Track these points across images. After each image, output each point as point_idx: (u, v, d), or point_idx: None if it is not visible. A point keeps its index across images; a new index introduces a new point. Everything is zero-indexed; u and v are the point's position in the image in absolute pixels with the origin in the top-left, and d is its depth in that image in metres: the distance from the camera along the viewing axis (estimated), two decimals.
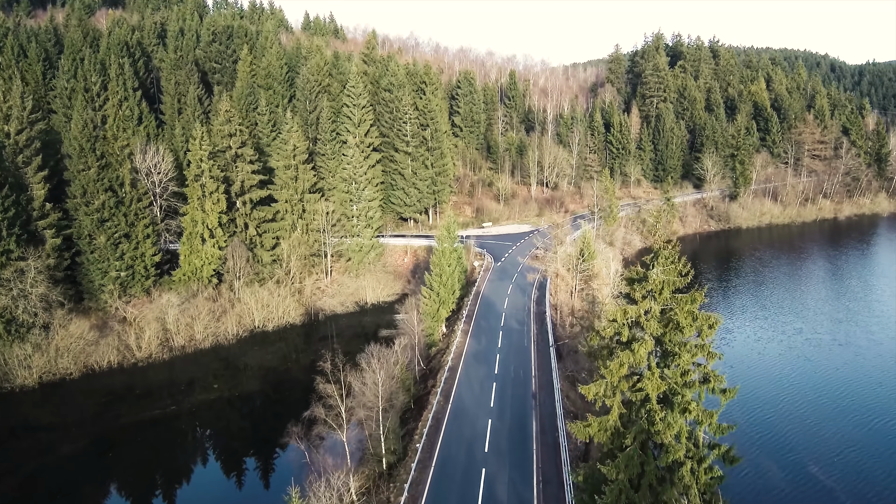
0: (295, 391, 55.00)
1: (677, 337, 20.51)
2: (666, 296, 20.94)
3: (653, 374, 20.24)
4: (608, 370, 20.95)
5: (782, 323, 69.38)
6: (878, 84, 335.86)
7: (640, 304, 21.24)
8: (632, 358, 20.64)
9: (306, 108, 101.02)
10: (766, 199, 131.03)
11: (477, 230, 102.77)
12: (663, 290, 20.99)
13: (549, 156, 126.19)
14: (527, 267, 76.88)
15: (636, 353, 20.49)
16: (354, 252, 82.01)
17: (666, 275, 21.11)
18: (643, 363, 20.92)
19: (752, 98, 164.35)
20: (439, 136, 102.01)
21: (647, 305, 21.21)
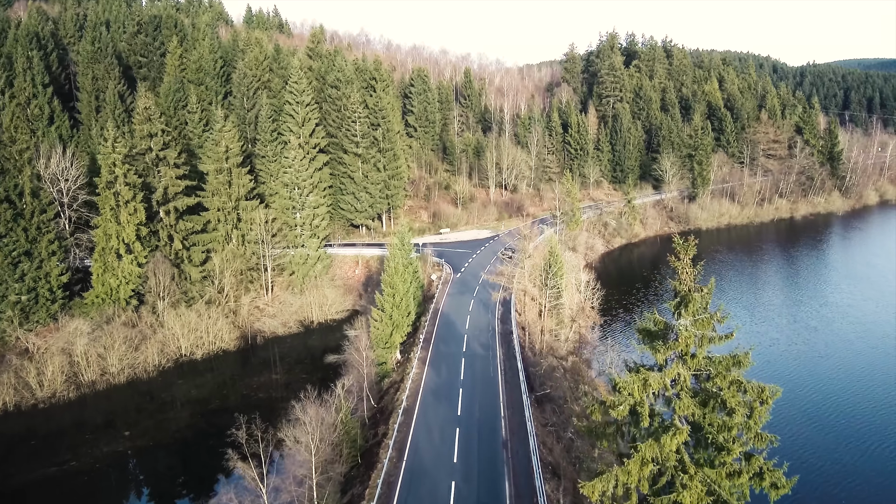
0: (221, 438, 46.96)
1: (723, 421, 14.30)
2: (701, 360, 14.69)
3: (692, 478, 13.94)
4: (624, 470, 14.58)
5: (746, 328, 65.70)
6: (819, 85, 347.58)
7: (666, 371, 14.92)
8: (658, 452, 14.30)
9: (243, 106, 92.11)
10: (725, 199, 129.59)
11: (434, 237, 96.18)
12: (697, 353, 14.71)
13: (508, 157, 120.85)
14: (489, 278, 70.79)
15: (665, 446, 14.17)
16: (298, 265, 74.02)
17: (699, 327, 14.87)
18: (673, 459, 14.63)
19: (706, 98, 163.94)
20: (392, 136, 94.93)
21: (675, 372, 14.93)
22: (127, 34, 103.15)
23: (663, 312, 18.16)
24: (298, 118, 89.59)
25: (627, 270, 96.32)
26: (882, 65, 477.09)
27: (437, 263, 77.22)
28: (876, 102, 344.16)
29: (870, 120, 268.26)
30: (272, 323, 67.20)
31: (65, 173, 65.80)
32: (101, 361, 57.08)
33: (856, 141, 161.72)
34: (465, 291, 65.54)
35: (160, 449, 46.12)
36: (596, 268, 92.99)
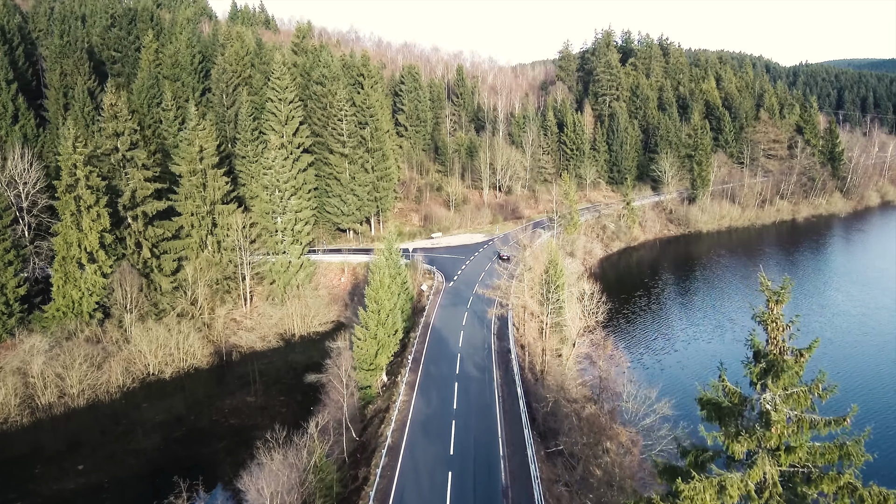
0: (185, 473, 42.01)
1: None
2: (802, 454, 10.06)
3: None
4: None
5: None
6: (812, 84, 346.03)
7: (750, 473, 10.29)
8: None
9: (223, 104, 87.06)
10: (725, 201, 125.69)
11: (425, 241, 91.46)
12: (795, 444, 10.09)
13: (502, 157, 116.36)
14: (484, 293, 66.17)
15: None
16: (279, 273, 69.09)
17: (793, 404, 10.23)
18: None
19: (703, 97, 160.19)
20: (380, 135, 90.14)
21: (761, 472, 10.23)
22: (99, 27, 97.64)
23: (675, 335, 13.50)
24: (281, 116, 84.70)
25: (627, 276, 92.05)
26: (872, 65, 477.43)
27: (428, 271, 72.52)
28: (870, 102, 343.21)
29: (864, 119, 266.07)
30: (250, 337, 62.26)
31: (23, 176, 60.55)
32: (59, 382, 51.96)
33: (856, 141, 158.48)
34: (458, 303, 60.87)
35: (116, 487, 41.07)
36: (595, 273, 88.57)
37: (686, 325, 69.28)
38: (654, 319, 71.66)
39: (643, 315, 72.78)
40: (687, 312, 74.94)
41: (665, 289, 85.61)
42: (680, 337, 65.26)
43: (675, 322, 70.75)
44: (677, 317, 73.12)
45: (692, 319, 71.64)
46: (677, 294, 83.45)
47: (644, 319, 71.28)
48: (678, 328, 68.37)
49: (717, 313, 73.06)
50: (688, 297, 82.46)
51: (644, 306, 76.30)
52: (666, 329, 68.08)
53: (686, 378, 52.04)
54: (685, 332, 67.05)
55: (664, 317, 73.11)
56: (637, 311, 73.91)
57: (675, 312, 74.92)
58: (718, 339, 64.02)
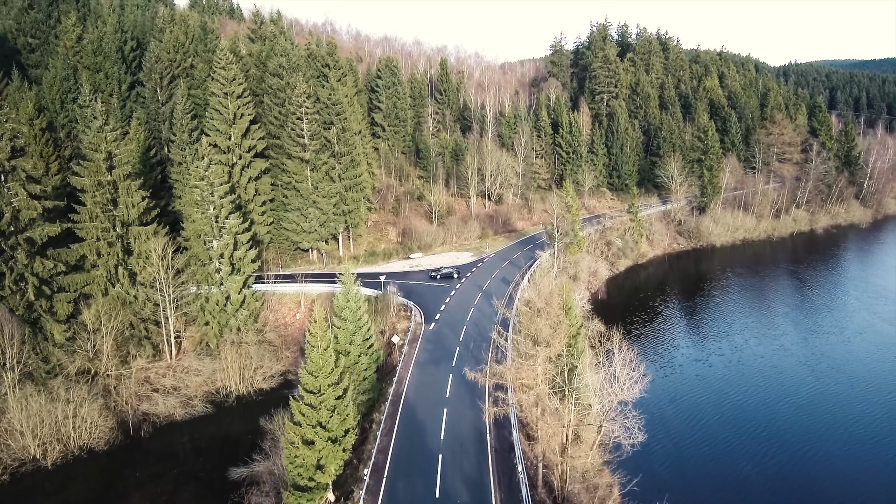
0: None
1: None
2: None
3: None
4: None
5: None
6: (803, 84, 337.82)
7: None
8: None
9: (156, 99, 72.34)
10: (738, 210, 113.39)
11: (402, 263, 77.50)
12: None
13: (491, 161, 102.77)
14: (476, 330, 52.50)
15: None
16: (213, 312, 54.69)
17: None
18: None
19: (707, 95, 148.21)
20: (349, 137, 76.00)
21: None
22: (16, 10, 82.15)
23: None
24: (227, 114, 70.48)
25: (638, 303, 78.96)
26: (854, 65, 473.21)
27: (404, 307, 58.50)
28: (863, 102, 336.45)
29: (857, 120, 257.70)
30: (168, 402, 47.74)
31: None
32: None
33: (876, 143, 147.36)
34: (440, 357, 46.90)
35: None
36: (602, 300, 75.39)
37: (731, 373, 56.27)
38: (687, 370, 58.48)
39: (673, 365, 59.53)
40: (726, 354, 61.98)
41: (685, 319, 72.62)
42: (729, 395, 52.17)
43: (715, 371, 57.70)
44: (718, 363, 60.10)
45: (735, 363, 58.64)
46: (701, 326, 70.42)
47: (677, 372, 58.05)
48: (720, 376, 55.33)
49: (758, 358, 60.15)
50: (716, 329, 69.52)
51: (670, 348, 63.08)
52: (710, 383, 54.96)
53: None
54: (732, 388, 54.02)
55: (700, 363, 60.03)
56: (667, 356, 60.66)
57: (711, 354, 61.90)
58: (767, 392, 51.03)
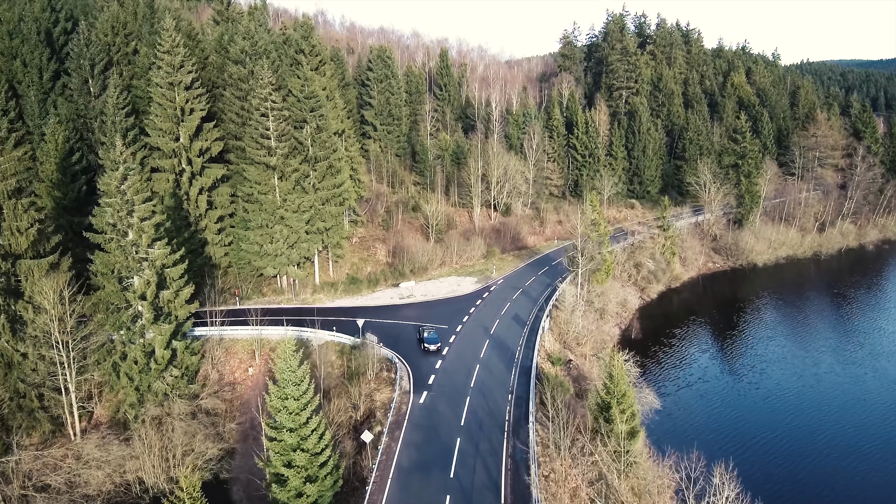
0: None
1: None
2: None
3: None
4: None
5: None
6: (818, 83, 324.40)
7: None
8: None
9: (87, 91, 58.44)
10: (779, 223, 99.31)
11: (390, 293, 63.53)
12: None
13: (498, 166, 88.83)
14: (484, 404, 38.64)
15: None
16: (132, 374, 40.78)
17: None
18: None
19: (736, 92, 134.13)
20: (326, 138, 62.06)
21: None
22: None
23: None
24: (173, 109, 56.69)
25: (676, 341, 65.03)
26: (862, 65, 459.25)
27: (388, 363, 44.44)
28: (881, 102, 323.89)
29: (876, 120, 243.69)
30: None
31: None
32: None
33: None
34: (433, 462, 32.39)
35: None
36: (636, 340, 61.44)
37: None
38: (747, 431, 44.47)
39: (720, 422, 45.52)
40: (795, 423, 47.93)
41: (735, 363, 58.65)
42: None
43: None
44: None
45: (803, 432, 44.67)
46: (756, 371, 56.29)
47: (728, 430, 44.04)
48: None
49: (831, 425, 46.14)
50: (779, 375, 55.40)
51: (715, 392, 49.09)
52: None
53: None
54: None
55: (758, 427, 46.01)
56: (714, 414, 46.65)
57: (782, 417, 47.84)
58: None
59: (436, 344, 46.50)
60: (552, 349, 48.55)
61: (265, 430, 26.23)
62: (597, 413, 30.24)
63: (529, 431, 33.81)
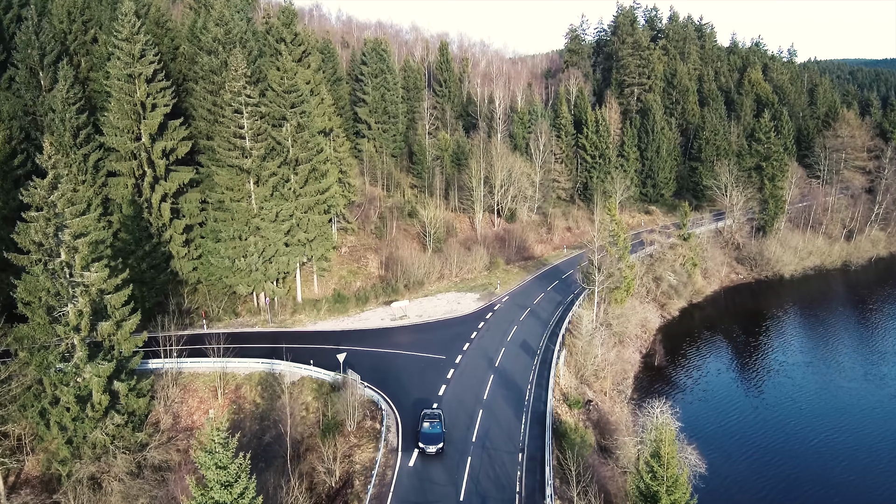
0: None
1: None
2: None
3: None
4: None
5: None
6: (834, 81, 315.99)
7: None
8: None
9: (37, 85, 51.44)
10: (804, 230, 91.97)
11: (380, 312, 56.32)
12: None
13: (502, 169, 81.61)
14: (489, 465, 31.52)
15: None
16: (65, 422, 33.69)
17: None
18: None
19: (754, 90, 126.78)
20: (308, 138, 54.84)
21: None
22: None
23: None
24: (133, 104, 49.69)
25: (704, 365, 57.92)
26: (866, 64, 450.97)
27: (372, 409, 37.21)
28: (893, 101, 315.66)
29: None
30: None
31: None
32: None
33: None
34: None
35: None
36: (660, 370, 54.28)
37: None
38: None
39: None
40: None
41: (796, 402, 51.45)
42: None
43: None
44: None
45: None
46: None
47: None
48: None
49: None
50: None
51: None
52: None
53: None
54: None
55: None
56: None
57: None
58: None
59: (437, 444, 32.36)
60: (568, 386, 41.36)
61: None
62: (638, 501, 23.13)
63: None
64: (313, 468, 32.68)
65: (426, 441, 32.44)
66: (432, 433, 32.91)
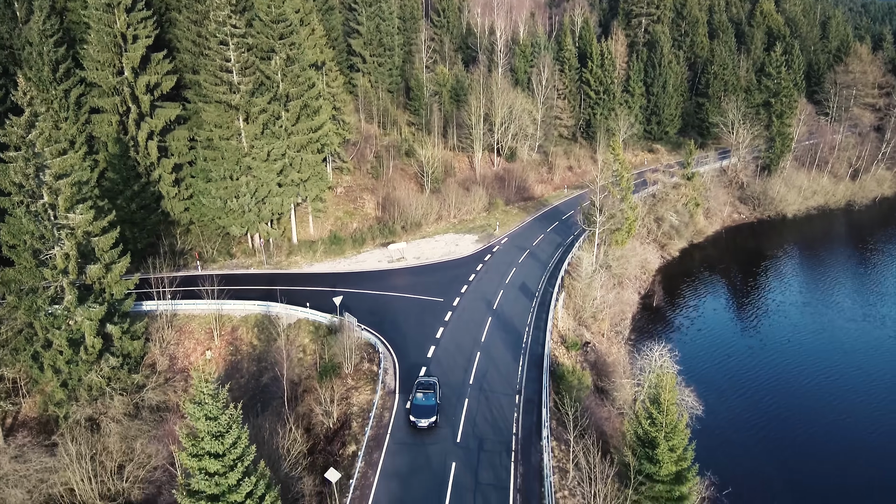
0: None
1: None
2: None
3: None
4: None
5: None
6: (846, 14, 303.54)
7: None
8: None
9: (13, 16, 48.44)
10: (810, 169, 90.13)
11: (377, 254, 55.58)
12: None
13: (503, 105, 78.78)
14: (486, 409, 31.56)
15: None
16: (59, 365, 33.48)
17: None
18: None
19: (765, 22, 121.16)
20: (300, 72, 52.25)
21: None
22: None
23: None
24: (113, 36, 47.03)
25: (698, 304, 57.83)
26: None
27: (370, 351, 37.00)
28: None
29: None
30: None
31: None
32: None
33: None
34: (422, 496, 25.67)
35: None
36: (657, 310, 54.16)
37: None
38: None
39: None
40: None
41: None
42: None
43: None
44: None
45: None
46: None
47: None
48: None
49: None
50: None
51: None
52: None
53: None
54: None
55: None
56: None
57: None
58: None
59: (430, 418, 29.39)
60: (566, 328, 41.14)
61: (177, 497, 19.08)
62: (635, 446, 23.02)
63: (543, 453, 26.76)
64: (311, 410, 32.76)
65: (418, 414, 29.52)
66: (425, 405, 29.82)
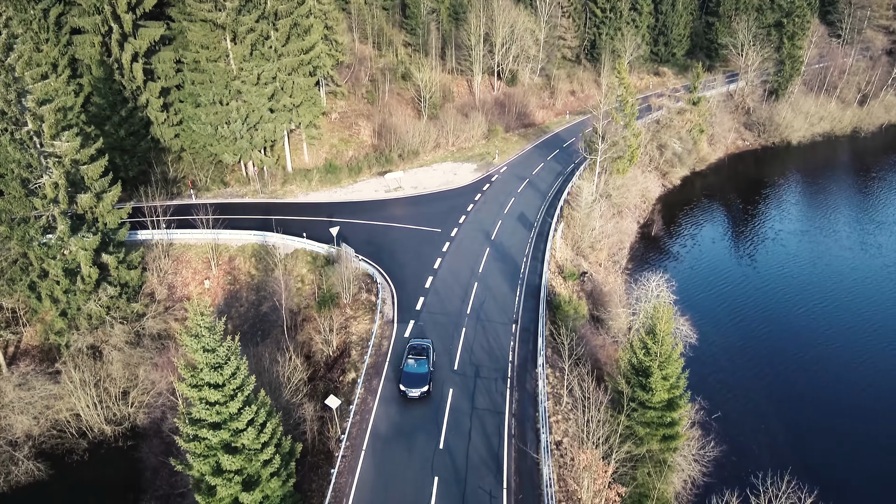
0: None
1: None
2: None
3: None
4: None
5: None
6: None
7: None
8: None
9: None
10: (818, 94, 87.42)
11: (374, 183, 54.62)
12: None
13: (504, 24, 75.05)
14: (483, 338, 31.99)
15: None
16: (57, 295, 33.52)
17: None
18: None
19: None
20: None
21: None
22: None
23: None
24: None
25: (696, 232, 57.69)
26: None
27: (368, 282, 37.00)
28: None
29: None
30: None
31: None
32: None
33: None
34: (420, 420, 26.31)
35: None
36: (656, 240, 54.04)
37: None
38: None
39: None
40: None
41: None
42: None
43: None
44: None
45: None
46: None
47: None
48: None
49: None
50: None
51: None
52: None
53: None
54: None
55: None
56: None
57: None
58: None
59: (421, 388, 26.99)
60: (564, 259, 41.06)
61: (179, 425, 19.47)
62: (629, 374, 23.41)
63: (539, 380, 27.32)
64: (311, 338, 33.17)
65: (408, 383, 27.15)
66: (417, 373, 27.41)
